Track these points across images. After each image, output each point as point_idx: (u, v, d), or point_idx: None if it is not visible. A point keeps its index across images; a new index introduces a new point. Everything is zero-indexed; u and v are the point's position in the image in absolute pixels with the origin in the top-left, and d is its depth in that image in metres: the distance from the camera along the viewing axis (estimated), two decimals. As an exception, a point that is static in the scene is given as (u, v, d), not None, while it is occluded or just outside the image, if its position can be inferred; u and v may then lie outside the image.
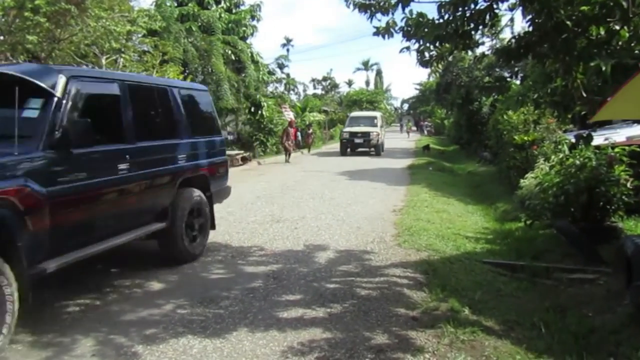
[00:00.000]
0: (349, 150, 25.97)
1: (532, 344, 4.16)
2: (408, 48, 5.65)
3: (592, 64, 4.26)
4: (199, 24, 19.16)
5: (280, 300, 5.07)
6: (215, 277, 5.84)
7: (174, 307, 4.85)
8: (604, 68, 4.04)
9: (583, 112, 5.77)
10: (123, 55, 13.23)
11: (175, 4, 19.61)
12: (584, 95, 5.18)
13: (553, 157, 8.02)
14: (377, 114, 30.29)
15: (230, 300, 5.03)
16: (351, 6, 5.69)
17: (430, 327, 4.42)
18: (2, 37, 10.57)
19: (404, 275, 5.91)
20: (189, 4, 19.74)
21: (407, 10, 5.39)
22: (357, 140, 25.58)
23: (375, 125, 26.78)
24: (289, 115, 26.80)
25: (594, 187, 6.64)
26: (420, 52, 5.63)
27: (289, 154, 22.33)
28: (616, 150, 6.90)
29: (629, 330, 4.19)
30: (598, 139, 6.89)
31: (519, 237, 7.93)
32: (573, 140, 6.30)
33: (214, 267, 6.24)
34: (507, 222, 9.24)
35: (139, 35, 14.66)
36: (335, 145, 30.52)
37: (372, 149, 25.75)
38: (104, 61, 12.97)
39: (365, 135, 25.53)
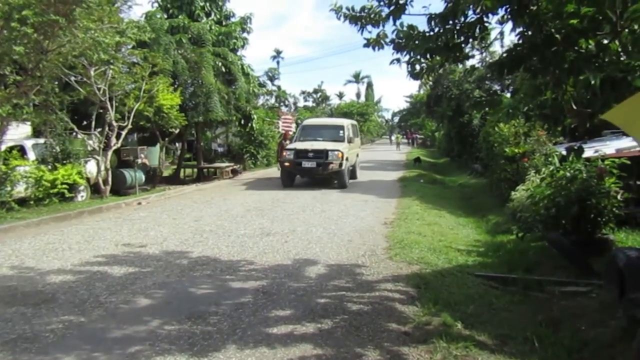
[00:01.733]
0: (295, 178, 17.43)
1: (526, 359, 4.11)
2: (398, 60, 5.64)
3: (581, 77, 4.26)
4: (189, 36, 19.14)
5: (269, 315, 4.98)
6: (203, 292, 5.74)
7: (161, 323, 4.75)
8: (593, 81, 4.04)
9: (573, 125, 5.77)
10: (112, 67, 13.13)
11: (166, 16, 19.59)
12: (574, 107, 5.19)
13: (544, 169, 8.04)
14: (346, 122, 19.72)
15: (219, 316, 4.94)
16: (342, 18, 5.69)
17: (422, 342, 4.36)
18: (-12, 48, 10.46)
19: (395, 289, 5.85)
20: (179, 16, 19.73)
21: (397, 22, 5.40)
22: (307, 165, 16.38)
23: (341, 140, 17.62)
24: (287, 127, 24.81)
25: (585, 199, 6.64)
26: (410, 64, 5.62)
27: None
28: (606, 162, 6.92)
29: (623, 344, 4.15)
30: (588, 151, 6.91)
31: (510, 249, 7.90)
32: (564, 153, 6.30)
33: (202, 281, 6.14)
34: (499, 234, 9.23)
35: (129, 47, 14.60)
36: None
37: (334, 178, 16.73)
38: (92, 72, 12.87)
39: (321, 155, 16.25)
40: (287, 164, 16.61)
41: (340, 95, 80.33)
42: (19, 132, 12.92)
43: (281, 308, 5.18)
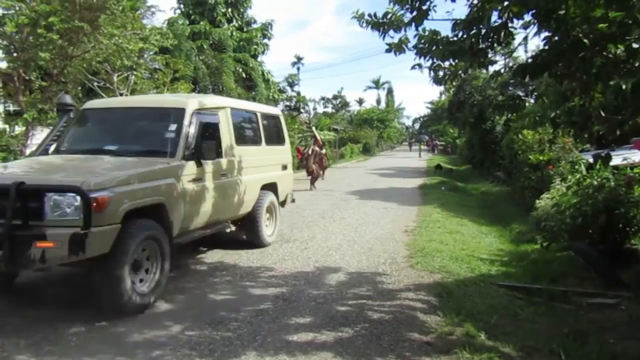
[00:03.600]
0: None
1: (552, 372, 4.00)
2: (420, 65, 5.59)
3: (611, 83, 4.15)
4: (211, 41, 19.36)
5: (289, 322, 4.94)
6: (223, 298, 5.73)
7: (182, 328, 4.74)
8: (624, 87, 3.93)
9: (600, 132, 5.64)
10: (135, 73, 13.33)
11: (187, 22, 19.83)
12: (602, 114, 5.06)
13: (570, 177, 7.87)
14: (191, 103, 6.41)
15: (239, 322, 4.91)
16: (364, 24, 5.66)
17: (445, 352, 4.27)
18: (15, 54, 10.68)
19: (417, 298, 5.76)
20: (201, 22, 19.99)
21: (420, 28, 5.35)
22: None
23: (165, 151, 5.86)
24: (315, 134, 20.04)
25: (613, 209, 6.47)
26: (433, 70, 5.56)
27: (315, 179, 17.98)
28: (635, 170, 6.75)
29: (654, 358, 4.02)
30: (616, 159, 6.75)
31: (535, 259, 7.74)
32: (591, 160, 6.16)
33: (222, 287, 6.13)
34: (523, 243, 9.05)
35: (151, 53, 14.80)
36: (346, 166, 30.02)
37: None
38: (115, 78, 13.07)
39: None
40: None
41: (360, 102, 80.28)
42: (43, 136, 13.15)
43: (301, 315, 5.14)
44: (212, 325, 4.82)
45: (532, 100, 7.90)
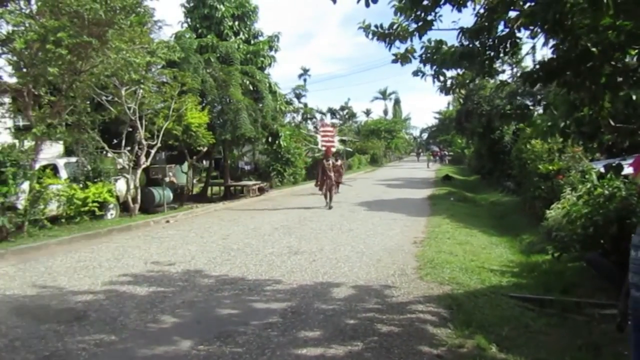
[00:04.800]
0: None
1: (566, 386, 3.92)
2: (423, 73, 5.57)
3: (621, 93, 4.12)
4: (218, 54, 19.45)
5: (298, 336, 4.89)
6: (231, 312, 5.70)
7: (190, 343, 4.71)
8: (634, 97, 3.89)
9: (611, 142, 5.59)
10: (142, 86, 13.40)
11: (195, 36, 19.97)
12: (612, 124, 5.01)
13: (580, 186, 7.78)
14: None
15: (248, 336, 4.88)
16: (370, 36, 5.66)
17: (456, 366, 4.21)
18: (25, 70, 10.78)
19: (426, 310, 5.69)
20: (208, 36, 20.09)
21: (424, 38, 5.35)
22: None
23: None
24: (327, 142, 18.43)
25: (625, 218, 6.38)
26: (437, 79, 5.55)
27: (330, 197, 15.88)
28: (646, 179, 6.66)
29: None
30: (627, 168, 6.66)
31: (546, 270, 7.64)
32: (602, 170, 6.09)
33: (230, 300, 6.10)
34: (534, 254, 8.95)
35: (158, 67, 14.89)
36: (355, 177, 29.90)
37: None
38: (123, 92, 13.16)
39: None
40: None
41: (367, 113, 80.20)
42: (52, 151, 13.28)
43: (310, 329, 5.09)
44: (221, 340, 4.79)
45: (540, 110, 7.83)
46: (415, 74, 5.65)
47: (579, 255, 7.21)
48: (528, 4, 4.78)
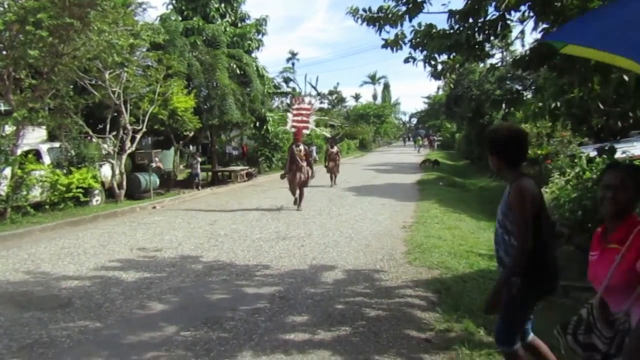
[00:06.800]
0: None
1: (553, 368, 3.92)
2: (414, 59, 5.50)
3: (612, 75, 4.08)
4: (204, 37, 19.12)
5: (286, 321, 4.86)
6: (219, 297, 5.65)
7: (177, 329, 4.66)
8: (627, 79, 3.86)
9: (599, 125, 5.57)
10: (126, 70, 13.12)
11: (180, 18, 19.62)
12: (602, 107, 4.99)
13: (569, 171, 7.80)
14: None
15: (235, 321, 4.83)
16: (359, 20, 5.57)
17: (444, 349, 4.20)
18: (4, 52, 10.49)
19: (415, 295, 5.69)
20: (194, 18, 19.75)
21: (415, 22, 5.27)
22: None
23: None
24: (299, 123, 14.16)
25: (613, 202, 6.40)
26: (429, 64, 5.48)
27: (301, 195, 12.68)
28: (635, 163, 6.67)
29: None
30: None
31: (534, 253, 7.66)
32: (591, 154, 6.09)
33: (217, 286, 6.05)
34: (521, 238, 8.98)
35: (143, 50, 14.60)
36: (343, 162, 29.65)
37: None
38: (107, 76, 12.88)
39: None
40: None
41: (357, 97, 79.80)
42: (34, 136, 13.00)
43: (298, 314, 5.06)
44: (208, 325, 4.74)
45: (530, 95, 7.82)
46: (406, 60, 5.58)
47: (567, 239, 7.24)
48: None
